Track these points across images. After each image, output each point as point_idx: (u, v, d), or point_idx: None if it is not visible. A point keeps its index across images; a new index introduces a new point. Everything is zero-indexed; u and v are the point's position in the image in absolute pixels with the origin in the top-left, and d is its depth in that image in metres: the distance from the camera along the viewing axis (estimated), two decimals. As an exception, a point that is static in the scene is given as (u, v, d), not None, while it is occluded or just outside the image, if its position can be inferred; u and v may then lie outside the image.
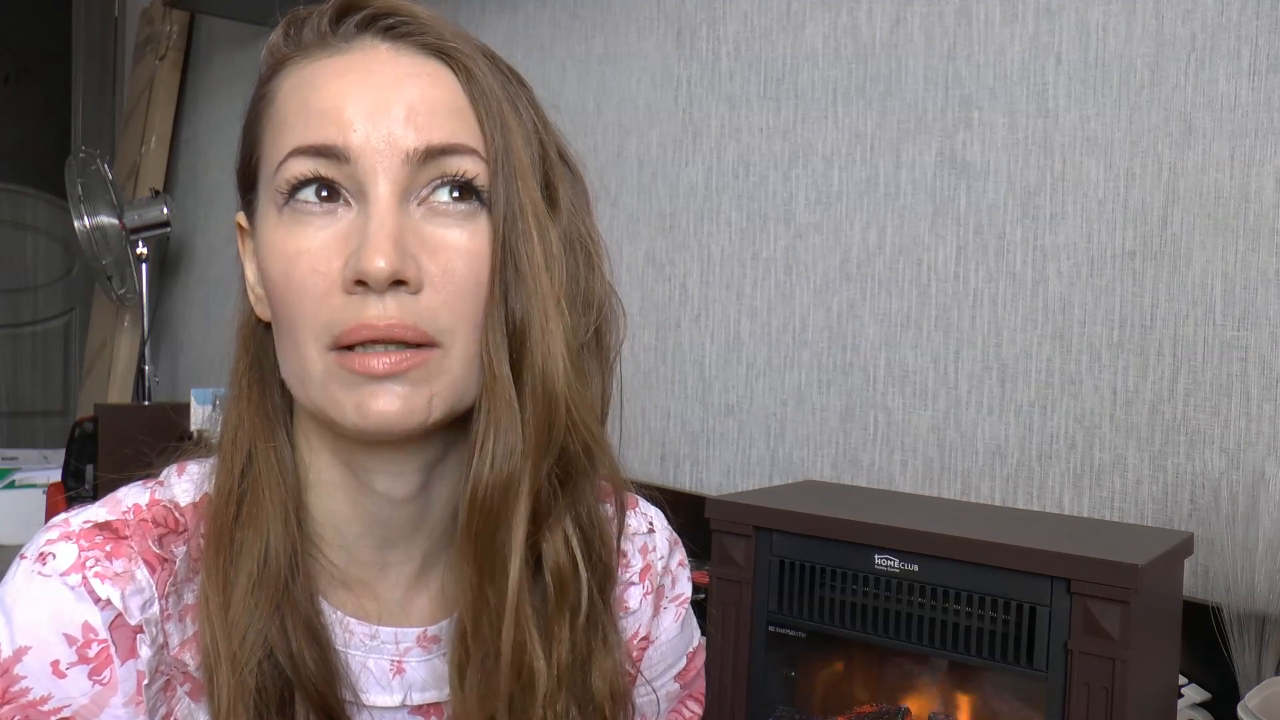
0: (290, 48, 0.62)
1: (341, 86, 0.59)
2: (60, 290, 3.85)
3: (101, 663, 0.58)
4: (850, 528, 1.09)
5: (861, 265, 1.57)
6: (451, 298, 0.58)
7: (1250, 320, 1.22)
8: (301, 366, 0.59)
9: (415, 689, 0.67)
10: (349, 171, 0.58)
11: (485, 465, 0.59)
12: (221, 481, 0.63)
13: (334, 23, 0.61)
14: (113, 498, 0.64)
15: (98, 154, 2.83)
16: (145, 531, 0.62)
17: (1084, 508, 1.33)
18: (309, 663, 0.61)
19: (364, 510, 0.64)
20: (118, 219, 2.81)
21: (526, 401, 0.59)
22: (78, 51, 3.70)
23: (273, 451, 0.63)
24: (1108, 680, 0.93)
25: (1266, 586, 1.15)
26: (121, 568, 0.60)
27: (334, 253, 0.57)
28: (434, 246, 0.58)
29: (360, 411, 0.57)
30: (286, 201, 0.59)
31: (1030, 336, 1.39)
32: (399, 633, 0.67)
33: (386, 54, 0.60)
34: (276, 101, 0.61)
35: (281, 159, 0.59)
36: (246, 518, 0.62)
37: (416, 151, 0.58)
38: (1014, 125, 1.41)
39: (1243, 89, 1.22)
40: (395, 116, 0.58)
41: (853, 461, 1.57)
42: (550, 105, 0.69)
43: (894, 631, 1.05)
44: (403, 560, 0.67)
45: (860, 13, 1.57)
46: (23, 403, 3.80)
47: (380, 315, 0.56)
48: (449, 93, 0.60)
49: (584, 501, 0.65)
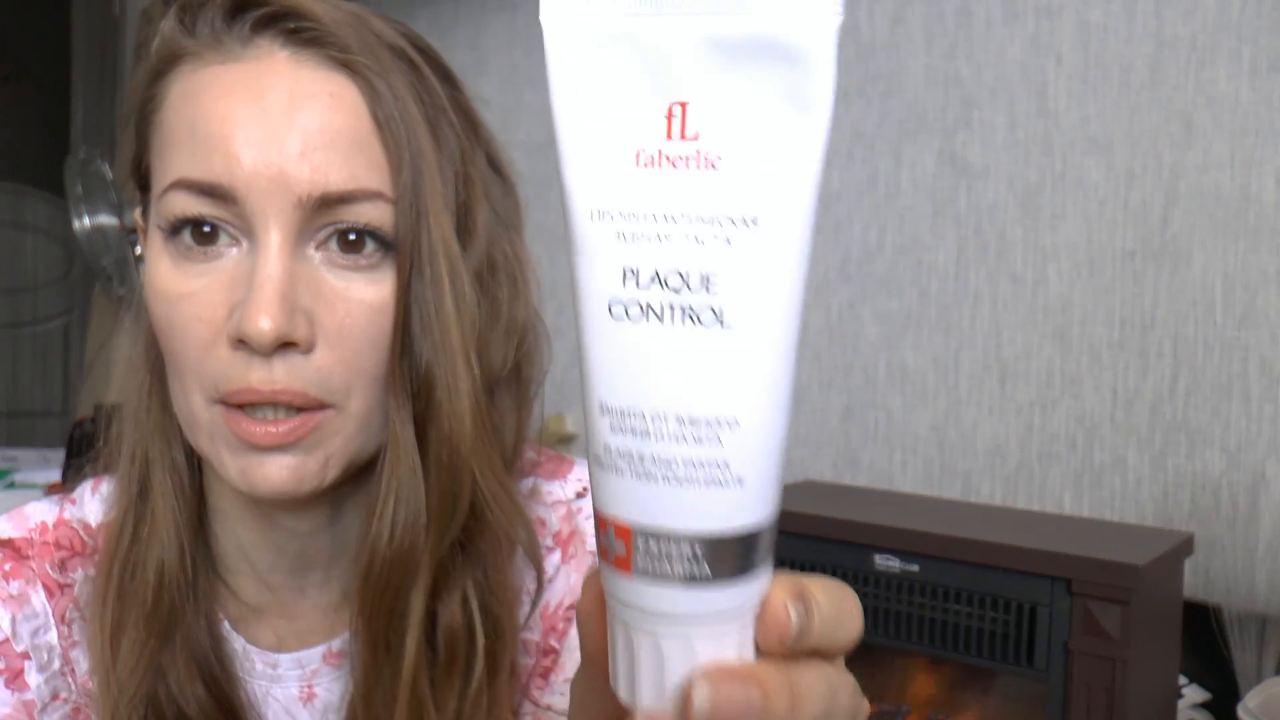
0: (184, 38, 0.55)
1: (230, 108, 0.52)
2: (60, 290, 3.85)
3: (8, 678, 0.56)
4: (850, 528, 1.09)
5: (861, 265, 1.57)
6: (348, 355, 0.52)
7: (1250, 320, 1.21)
8: (189, 412, 0.54)
9: (331, 711, 0.62)
10: (236, 210, 0.51)
11: (383, 536, 0.54)
12: (119, 503, 0.59)
13: (230, 16, 0.54)
14: (20, 512, 0.61)
15: (98, 154, 2.83)
16: (46, 555, 0.59)
17: (1084, 508, 1.33)
18: (194, 700, 0.57)
19: (272, 541, 0.60)
20: (118, 219, 2.81)
21: (431, 467, 0.55)
22: (77, 51, 3.70)
23: (170, 475, 0.59)
24: (1108, 680, 0.93)
25: (1266, 586, 1.15)
26: (17, 590, 0.57)
27: (219, 299, 0.52)
28: (330, 299, 0.52)
29: (246, 479, 0.52)
30: (169, 236, 0.53)
31: (1030, 336, 1.39)
32: (301, 656, 0.62)
33: (284, 65, 0.53)
34: (163, 109, 0.55)
35: (165, 186, 0.53)
36: (141, 543, 0.58)
37: (311, 197, 0.51)
38: (1014, 125, 1.41)
39: (1243, 89, 1.22)
40: (288, 151, 0.51)
41: (853, 461, 1.57)
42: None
43: (894, 631, 1.05)
44: (322, 583, 0.62)
45: (860, 13, 1.57)
46: (23, 403, 3.80)
47: (265, 380, 0.51)
48: (351, 118, 0.53)
49: (485, 560, 0.59)
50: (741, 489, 0.27)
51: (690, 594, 0.28)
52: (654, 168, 0.27)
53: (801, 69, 0.27)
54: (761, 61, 0.26)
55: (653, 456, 0.27)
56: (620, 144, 0.27)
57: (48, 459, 2.66)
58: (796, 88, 0.26)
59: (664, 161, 0.27)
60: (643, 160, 0.27)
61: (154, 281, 0.53)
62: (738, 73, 0.26)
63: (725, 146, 0.26)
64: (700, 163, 0.26)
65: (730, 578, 0.28)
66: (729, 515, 0.27)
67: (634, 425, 0.27)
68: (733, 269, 0.26)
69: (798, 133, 0.27)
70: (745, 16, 0.26)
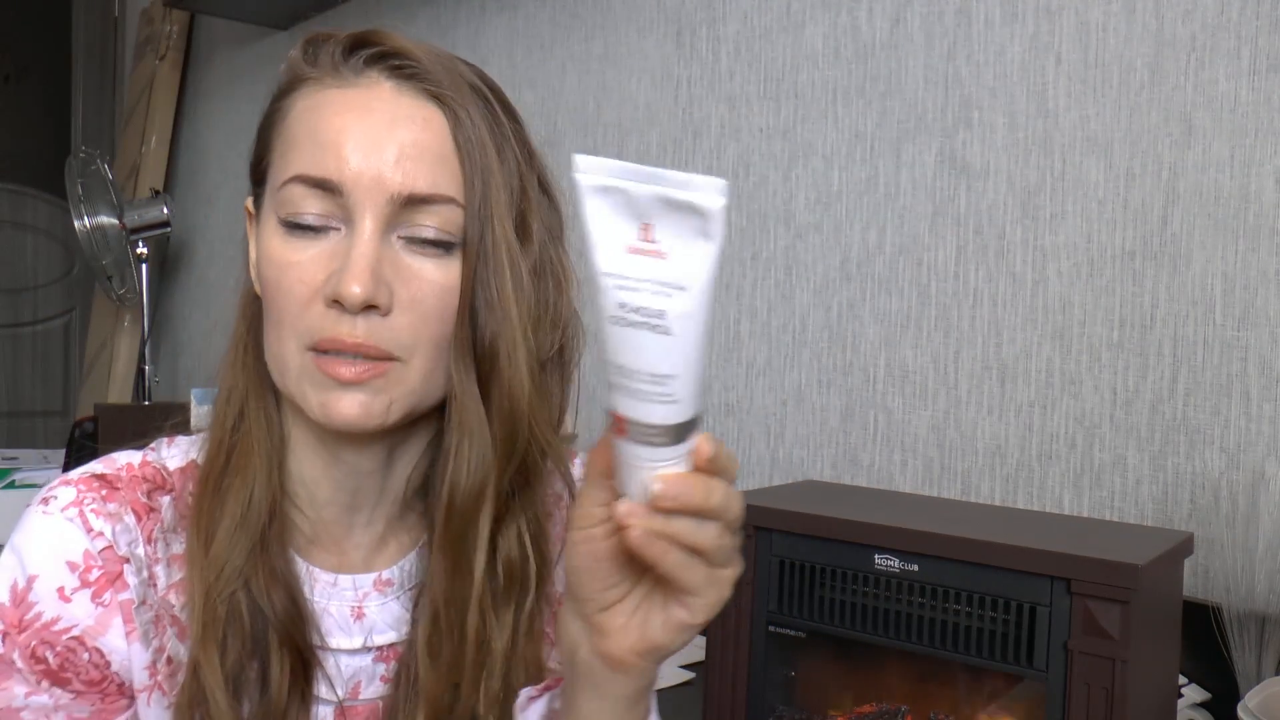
0: (308, 67, 0.69)
1: (345, 122, 0.66)
2: (60, 290, 3.85)
3: (101, 586, 0.68)
4: (850, 528, 1.09)
5: (861, 265, 1.57)
6: (416, 321, 0.66)
7: (1250, 320, 1.22)
8: (281, 358, 0.67)
9: (375, 631, 0.75)
10: (341, 202, 0.65)
11: (461, 472, 0.68)
12: (215, 433, 0.72)
13: (347, 52, 0.68)
14: (109, 457, 0.72)
15: (98, 154, 2.83)
16: (135, 485, 0.71)
17: (1084, 508, 1.33)
18: (276, 604, 0.69)
19: (333, 476, 0.73)
20: (118, 219, 2.81)
21: (494, 417, 0.68)
22: (78, 51, 3.70)
23: (263, 412, 0.71)
24: (1108, 680, 0.93)
25: (1266, 586, 1.15)
26: (114, 509, 0.69)
27: (319, 269, 0.66)
28: (407, 276, 0.66)
29: (325, 411, 0.66)
30: (285, 218, 0.67)
31: (1030, 336, 1.39)
32: (357, 579, 0.75)
33: (389, 93, 0.67)
34: (289, 119, 0.69)
35: (286, 179, 0.67)
36: (235, 467, 0.70)
37: (400, 195, 0.65)
38: (1014, 125, 1.41)
39: (1243, 89, 1.22)
40: (386, 158, 0.65)
41: (853, 461, 1.57)
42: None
43: (894, 631, 1.05)
44: (366, 523, 0.75)
45: (860, 13, 1.57)
46: (23, 403, 3.80)
47: (350, 333, 0.65)
48: (438, 138, 0.67)
49: (536, 502, 0.74)
50: (678, 405, 0.52)
51: (655, 450, 0.53)
52: (635, 255, 0.50)
53: (706, 219, 0.50)
54: (687, 212, 0.50)
55: (635, 389, 0.52)
56: (619, 239, 0.51)
57: (48, 459, 2.66)
58: (704, 227, 0.50)
59: (640, 252, 0.50)
60: (629, 250, 0.50)
61: (268, 252, 0.67)
62: (675, 214, 0.50)
63: (669, 248, 0.50)
64: (657, 255, 0.50)
65: (676, 443, 0.54)
66: (673, 415, 0.53)
67: (626, 374, 0.52)
68: (673, 307, 0.50)
69: (704, 249, 0.50)
70: (681, 191, 0.49)
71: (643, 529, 0.54)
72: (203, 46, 3.24)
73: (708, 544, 0.55)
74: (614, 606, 0.60)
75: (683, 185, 0.49)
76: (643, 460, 0.54)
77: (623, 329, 0.51)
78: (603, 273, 0.51)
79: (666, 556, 0.55)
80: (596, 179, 0.51)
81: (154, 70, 3.26)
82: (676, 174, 0.50)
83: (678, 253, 0.50)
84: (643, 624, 0.59)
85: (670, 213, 0.50)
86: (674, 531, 0.54)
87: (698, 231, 0.50)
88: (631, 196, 0.50)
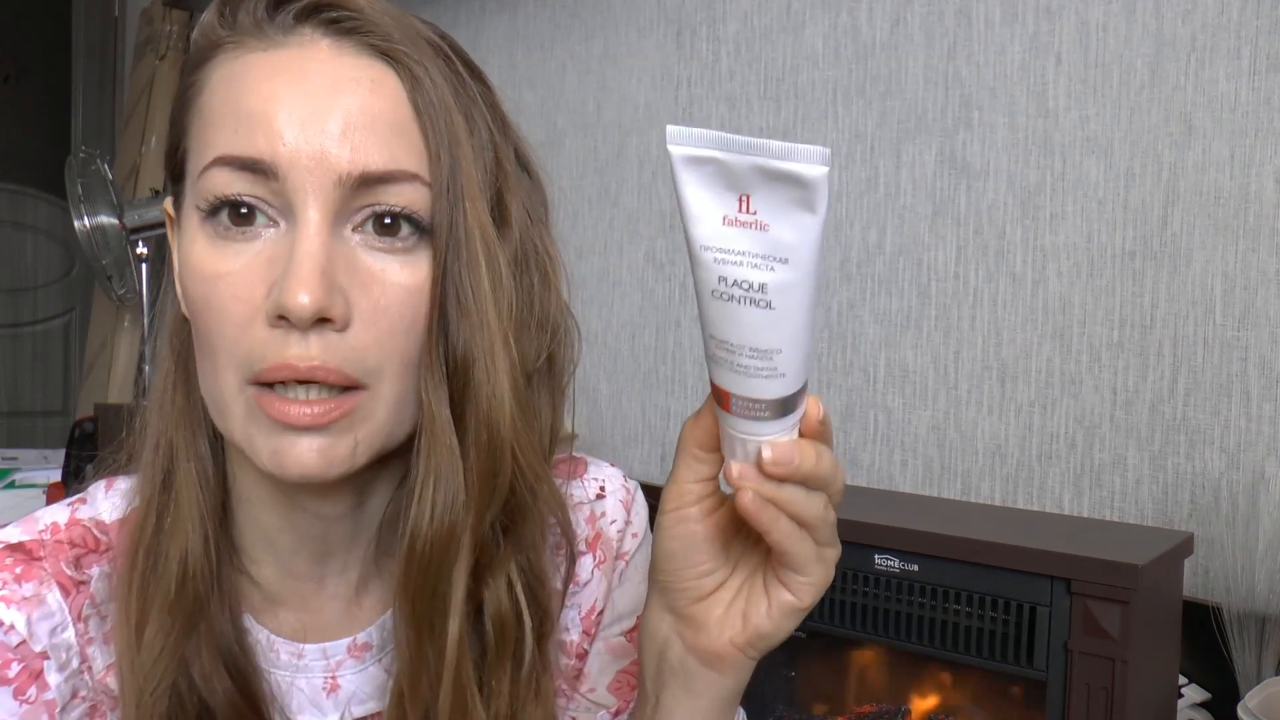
0: (225, 30, 0.56)
1: (274, 89, 0.53)
2: (60, 290, 3.85)
3: (24, 683, 0.56)
4: (850, 528, 1.09)
5: (861, 265, 1.57)
6: (382, 335, 0.53)
7: (1250, 320, 1.21)
8: (219, 397, 0.55)
9: (355, 702, 0.63)
10: (276, 188, 0.52)
11: (424, 517, 0.55)
12: (143, 492, 0.60)
13: (272, 8, 0.56)
14: (31, 517, 0.61)
15: (98, 154, 2.83)
16: (60, 553, 0.59)
17: (1084, 508, 1.33)
18: (220, 693, 0.58)
19: (296, 525, 0.60)
20: (118, 219, 2.80)
21: (469, 448, 0.55)
22: (78, 51, 3.69)
23: (195, 465, 0.59)
24: (1108, 680, 0.93)
25: (1266, 586, 1.15)
26: (31, 591, 0.57)
27: (257, 278, 0.53)
28: (366, 280, 0.53)
29: (278, 462, 0.53)
30: (207, 216, 0.54)
31: (1030, 336, 1.39)
32: (327, 648, 0.63)
33: (326, 52, 0.54)
34: (205, 93, 0.56)
35: (205, 164, 0.54)
36: (168, 532, 0.58)
37: (350, 176, 0.52)
38: (1014, 125, 1.41)
39: (1243, 89, 1.22)
40: (330, 131, 0.52)
41: (853, 461, 1.57)
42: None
43: (894, 631, 1.05)
44: (340, 571, 0.63)
45: (860, 13, 1.57)
46: (23, 403, 3.80)
47: (302, 356, 0.51)
48: (391, 103, 0.54)
49: (528, 545, 0.61)
50: (784, 379, 0.50)
51: (761, 424, 0.51)
52: (734, 226, 0.48)
53: (808, 189, 0.47)
54: (787, 182, 0.47)
55: (739, 364, 0.50)
56: (716, 212, 0.48)
57: (48, 459, 2.66)
58: (805, 198, 0.47)
59: (738, 224, 0.48)
60: (727, 221, 0.48)
61: (190, 262, 0.54)
62: (775, 185, 0.47)
63: (770, 220, 0.48)
64: (757, 226, 0.48)
65: (782, 416, 0.51)
66: (779, 389, 0.51)
67: (728, 348, 0.50)
68: (775, 281, 0.48)
69: (806, 221, 0.48)
70: (781, 161, 0.47)
71: (755, 492, 0.50)
72: (203, 46, 3.23)
73: (816, 516, 0.52)
74: (711, 596, 0.55)
75: (783, 155, 0.47)
76: (749, 434, 0.52)
77: (724, 303, 0.49)
78: (701, 246, 0.49)
79: (778, 523, 0.51)
80: (690, 149, 0.48)
81: (154, 70, 3.26)
82: (776, 143, 0.47)
83: (778, 224, 0.48)
84: (744, 612, 0.54)
85: (770, 183, 0.47)
86: (785, 499, 0.51)
87: (799, 202, 0.47)
88: (728, 167, 0.47)
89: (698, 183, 0.48)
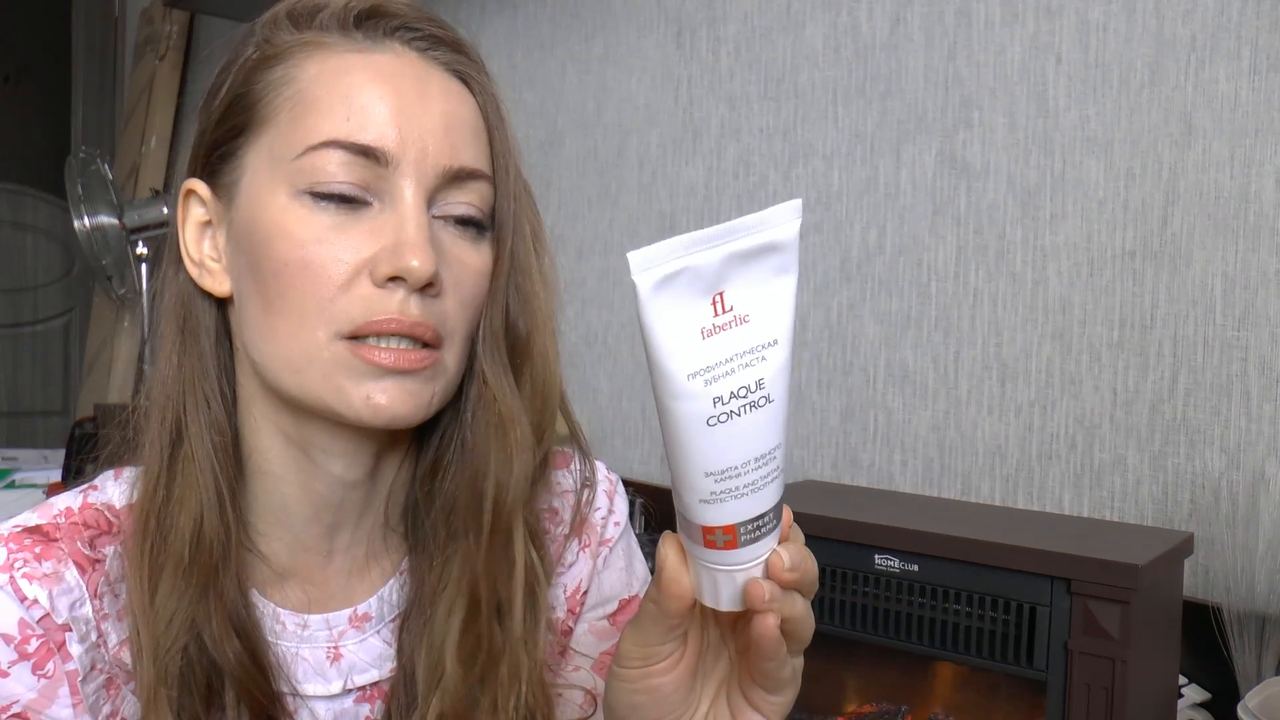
0: (306, 32, 0.62)
1: (386, 89, 0.60)
2: (60, 290, 3.85)
3: (43, 657, 0.59)
4: (850, 528, 1.09)
5: (861, 265, 1.57)
6: (459, 306, 0.61)
7: (1250, 320, 1.22)
8: (300, 352, 0.59)
9: (356, 671, 0.67)
10: (382, 173, 0.59)
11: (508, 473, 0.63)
12: (150, 463, 0.62)
13: (360, 19, 0.62)
14: (45, 503, 0.64)
15: (98, 154, 2.83)
16: (75, 534, 0.62)
17: (1084, 508, 1.33)
18: (230, 656, 0.61)
19: (314, 493, 0.65)
20: (118, 219, 2.80)
21: (526, 408, 0.64)
22: (77, 51, 3.69)
23: (207, 431, 0.62)
24: (1108, 680, 0.93)
25: (1266, 586, 1.15)
26: (50, 569, 0.60)
27: (362, 244, 0.59)
28: (449, 259, 0.61)
29: (369, 404, 0.59)
30: (310, 188, 0.59)
31: (1030, 336, 1.39)
32: (330, 618, 0.67)
33: (417, 62, 0.62)
34: (299, 83, 0.61)
35: (312, 144, 0.59)
36: (177, 500, 0.61)
37: (449, 169, 0.61)
38: (1014, 125, 1.41)
39: (1243, 89, 1.22)
40: (431, 129, 0.60)
41: (853, 461, 1.57)
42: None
43: (894, 631, 1.05)
44: (348, 546, 0.68)
45: (860, 13, 1.57)
46: (23, 403, 3.80)
47: (408, 312, 0.58)
48: (472, 114, 0.63)
49: (536, 501, 0.69)
50: (782, 472, 0.47)
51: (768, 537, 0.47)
52: (714, 335, 0.44)
53: (785, 251, 0.44)
54: (762, 256, 0.44)
55: (743, 485, 0.45)
56: (692, 330, 0.44)
57: (48, 459, 2.66)
58: (782, 262, 0.44)
59: (717, 330, 0.44)
60: (705, 334, 0.44)
61: (283, 225, 0.59)
62: (748, 266, 0.44)
63: (749, 308, 0.44)
64: (738, 322, 0.44)
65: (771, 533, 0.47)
66: (780, 488, 0.47)
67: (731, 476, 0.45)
68: (769, 368, 0.44)
69: (784, 284, 0.45)
70: (752, 235, 0.43)
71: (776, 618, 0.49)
72: (203, 46, 3.24)
73: (801, 617, 0.51)
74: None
75: (757, 227, 0.43)
76: (755, 558, 0.47)
77: (725, 426, 0.44)
78: (686, 377, 0.44)
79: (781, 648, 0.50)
80: (659, 270, 0.43)
81: (154, 70, 3.25)
82: (746, 218, 0.44)
83: (758, 308, 0.44)
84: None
85: (746, 265, 0.44)
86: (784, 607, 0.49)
87: (777, 269, 0.44)
88: (698, 270, 0.43)
89: (667, 305, 0.44)
